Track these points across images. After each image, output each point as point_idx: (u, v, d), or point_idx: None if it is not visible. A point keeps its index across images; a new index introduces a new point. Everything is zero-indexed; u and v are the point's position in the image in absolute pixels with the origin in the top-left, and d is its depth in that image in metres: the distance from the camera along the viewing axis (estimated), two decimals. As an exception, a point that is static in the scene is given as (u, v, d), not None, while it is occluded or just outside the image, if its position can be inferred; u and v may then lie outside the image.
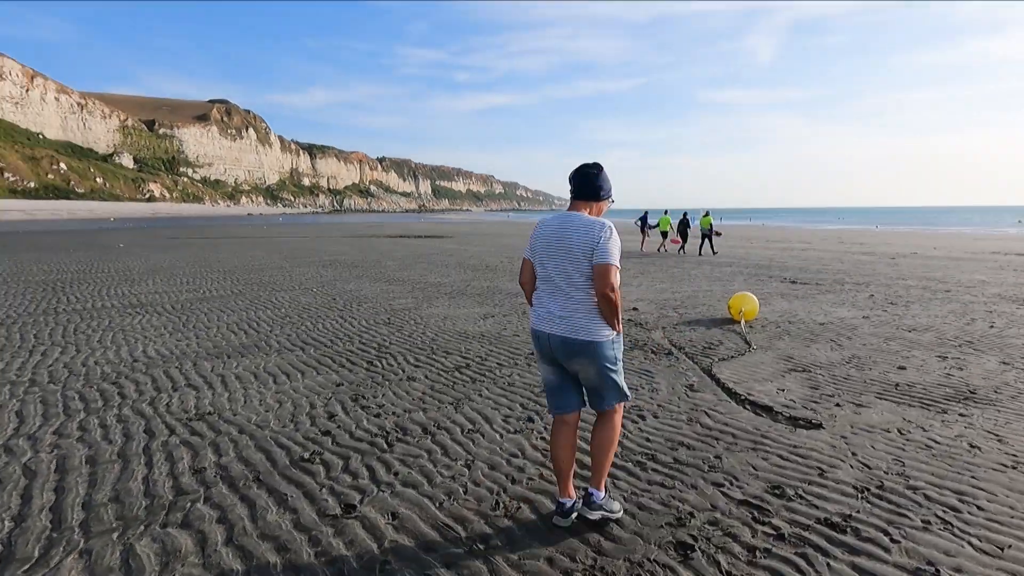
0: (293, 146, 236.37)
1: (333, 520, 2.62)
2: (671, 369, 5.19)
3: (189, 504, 2.75)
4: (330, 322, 7.27)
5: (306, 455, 3.32)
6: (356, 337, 6.43)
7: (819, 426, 3.80)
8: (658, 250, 20.71)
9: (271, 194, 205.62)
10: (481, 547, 2.42)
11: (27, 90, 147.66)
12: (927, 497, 2.87)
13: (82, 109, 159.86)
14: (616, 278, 2.38)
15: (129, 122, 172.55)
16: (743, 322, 7.08)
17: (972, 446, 3.50)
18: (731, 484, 3.00)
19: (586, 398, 2.63)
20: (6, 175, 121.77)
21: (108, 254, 17.44)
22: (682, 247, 20.15)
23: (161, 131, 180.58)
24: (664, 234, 20.85)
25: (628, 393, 2.62)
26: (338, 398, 4.33)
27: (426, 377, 4.90)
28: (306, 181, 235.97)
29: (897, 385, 4.73)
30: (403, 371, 5.09)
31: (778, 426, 3.82)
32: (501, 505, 2.77)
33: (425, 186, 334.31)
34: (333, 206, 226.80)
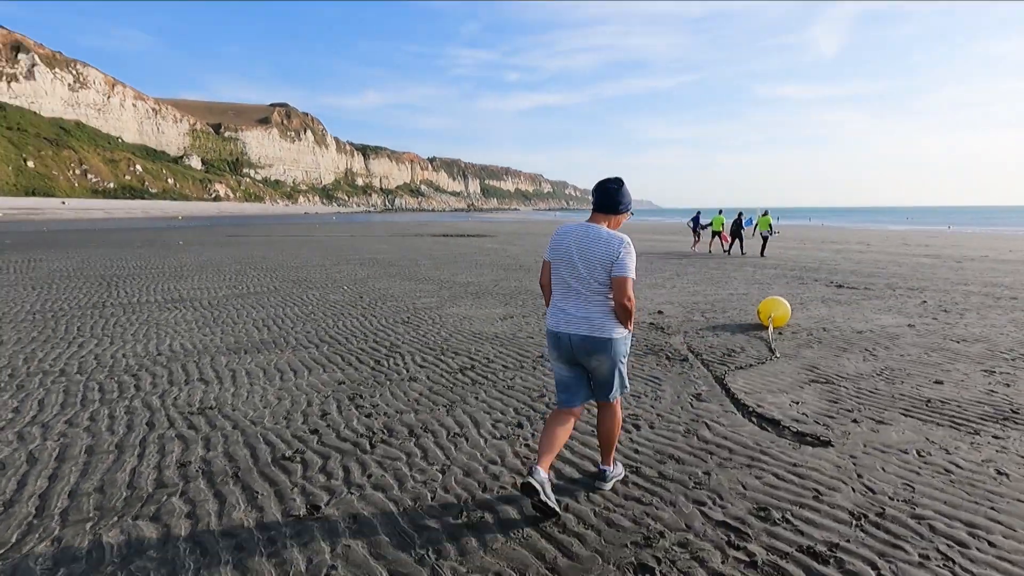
0: (348, 147, 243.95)
1: (296, 521, 2.63)
2: (682, 377, 4.97)
3: (165, 497, 2.83)
4: (351, 320, 7.41)
5: (289, 453, 3.36)
6: (371, 335, 6.51)
7: (827, 443, 3.54)
8: (710, 250, 20.07)
9: (326, 194, 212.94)
10: (432, 557, 2.37)
11: (108, 97, 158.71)
12: (932, 528, 2.60)
13: (156, 114, 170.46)
14: (631, 289, 2.64)
15: (198, 126, 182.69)
16: (771, 328, 6.72)
17: (999, 473, 3.17)
18: (713, 503, 2.82)
19: (593, 390, 2.88)
20: (89, 176, 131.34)
21: (166, 251, 18.48)
22: (731, 246, 19.41)
23: (226, 134, 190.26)
24: (716, 233, 20.18)
25: (628, 384, 2.95)
26: (336, 396, 4.38)
27: (428, 378, 4.90)
28: (360, 181, 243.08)
29: (929, 401, 4.35)
30: (407, 371, 5.11)
31: (782, 442, 3.58)
32: (464, 514, 2.70)
33: (474, 185, 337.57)
34: (385, 205, 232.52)
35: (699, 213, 22.05)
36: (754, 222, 22.32)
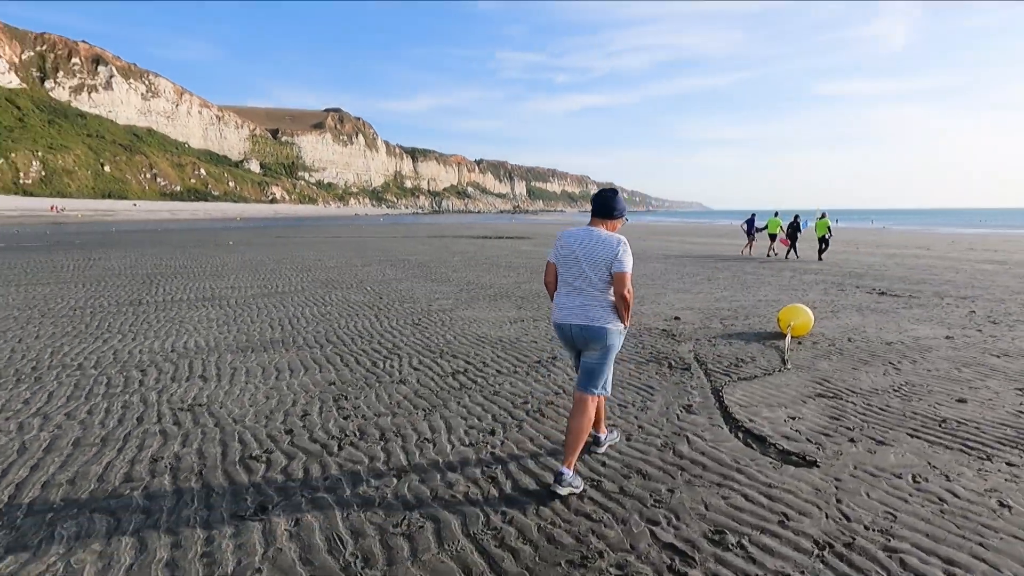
0: (397, 150, 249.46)
1: (239, 521, 2.67)
2: (678, 387, 4.78)
3: (127, 492, 2.93)
4: (362, 321, 7.52)
5: (257, 452, 3.43)
6: (377, 337, 6.59)
7: (813, 464, 3.30)
8: (767, 254, 19.30)
9: (376, 196, 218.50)
10: (359, 564, 2.35)
11: (177, 105, 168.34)
12: (903, 564, 2.38)
13: (219, 121, 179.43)
14: (629, 284, 2.93)
15: (257, 131, 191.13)
16: (788, 337, 6.38)
17: (1001, 504, 2.87)
18: (668, 523, 2.68)
19: (579, 377, 3.09)
20: (158, 180, 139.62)
21: (215, 251, 19.38)
22: (791, 250, 18.62)
23: (283, 139, 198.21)
24: (772, 237, 19.40)
25: (609, 389, 3.15)
26: (322, 397, 4.44)
27: (418, 381, 4.90)
28: (408, 183, 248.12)
29: (944, 421, 4.00)
30: (400, 373, 5.13)
31: (763, 460, 3.37)
32: (406, 522, 2.67)
33: (520, 187, 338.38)
34: (432, 207, 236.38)
35: (753, 215, 21.16)
36: (810, 224, 21.30)
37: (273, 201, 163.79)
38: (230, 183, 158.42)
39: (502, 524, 2.66)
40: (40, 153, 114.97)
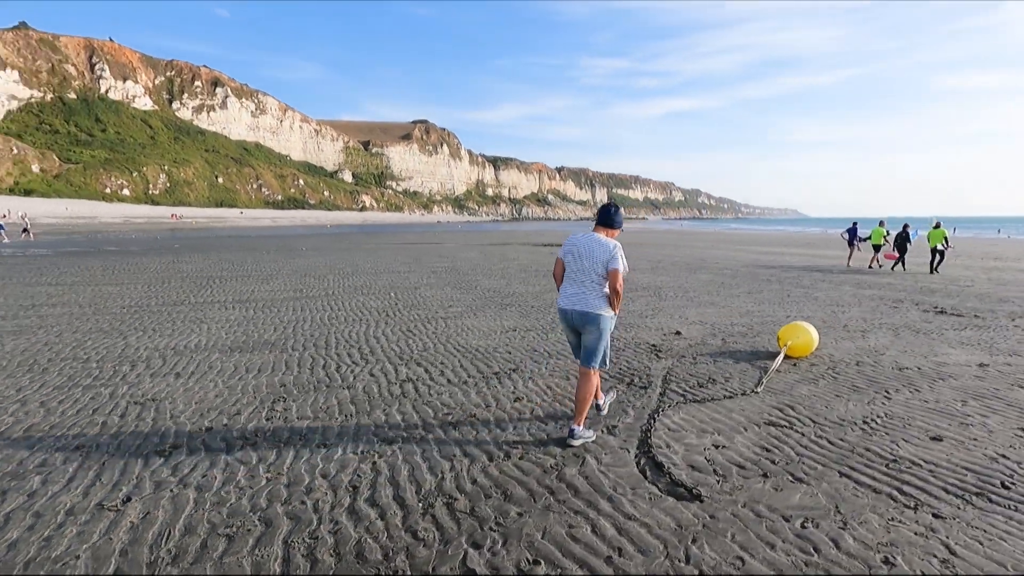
0: (480, 159, 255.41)
1: (98, 510, 2.88)
2: (621, 406, 4.55)
3: (31, 475, 3.26)
4: (361, 327, 7.80)
5: (166, 448, 3.68)
6: (362, 342, 6.81)
7: (697, 498, 3.04)
8: (869, 266, 17.85)
9: (458, 203, 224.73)
10: (176, 556, 2.47)
11: (281, 121, 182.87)
12: (709, 616, 2.14)
13: (317, 134, 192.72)
14: (621, 279, 3.66)
15: (350, 144, 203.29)
16: (780, 357, 5.86)
17: (886, 562, 2.49)
18: (488, 548, 2.57)
19: (581, 356, 3.80)
20: (263, 190, 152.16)
21: (282, 256, 20.84)
22: (898, 262, 17.10)
23: (374, 150, 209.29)
24: (876, 248, 17.80)
25: (609, 363, 3.91)
26: (264, 398, 4.68)
27: (363, 388, 5.01)
28: (489, 191, 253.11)
29: (895, 461, 3.52)
30: (352, 379, 5.28)
31: (647, 490, 3.14)
32: (241, 526, 2.76)
33: (601, 194, 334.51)
34: (512, 214, 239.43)
35: (856, 224, 19.45)
36: (921, 234, 19.34)
37: (363, 209, 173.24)
38: (325, 192, 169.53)
39: (325, 534, 2.69)
40: (166, 167, 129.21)
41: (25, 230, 33.25)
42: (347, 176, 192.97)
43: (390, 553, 2.54)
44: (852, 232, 18.97)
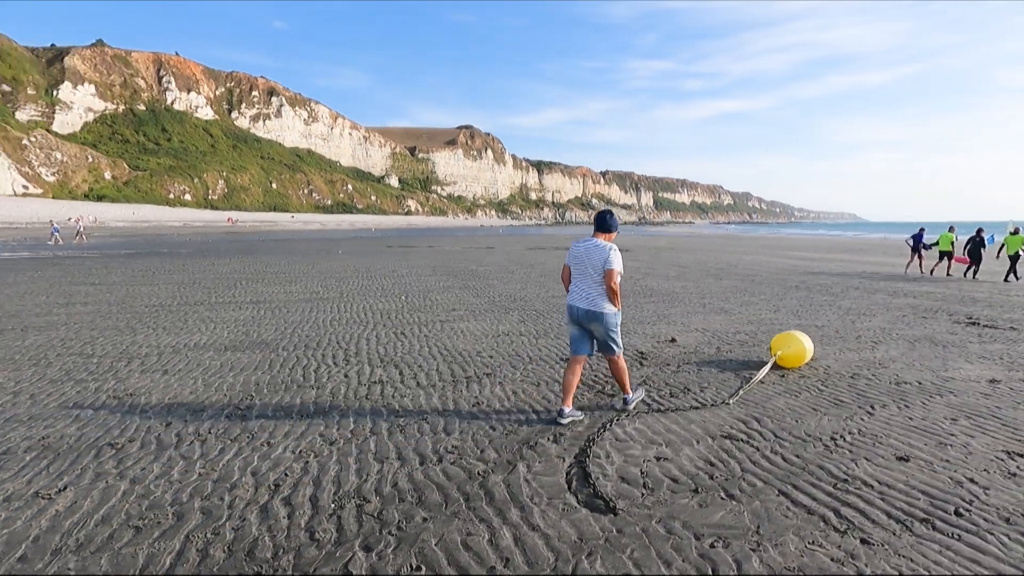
0: (523, 163, 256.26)
1: (33, 497, 3.05)
2: (581, 411, 4.46)
3: (1, 457, 3.49)
4: (358, 329, 7.95)
5: (122, 441, 3.85)
6: (352, 344, 6.95)
7: (612, 511, 2.94)
8: (931, 272, 16.97)
9: (502, 207, 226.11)
10: (80, 544, 2.59)
11: (331, 128, 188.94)
12: (568, 634, 2.06)
13: (366, 141, 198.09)
14: (616, 278, 4.11)
15: (397, 149, 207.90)
16: (767, 368, 5.61)
17: (784, 588, 2.34)
18: (376, 552, 2.58)
19: (598, 348, 4.39)
20: (314, 195, 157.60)
21: (317, 258, 21.50)
22: (971, 269, 16.20)
23: (420, 156, 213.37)
24: (945, 255, 16.76)
25: (621, 345, 4.39)
26: (234, 396, 4.84)
27: (330, 390, 5.10)
28: (533, 195, 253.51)
29: (842, 483, 3.31)
30: (325, 380, 5.38)
31: (564, 500, 3.07)
32: (153, 519, 2.87)
33: (647, 198, 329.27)
34: (556, 218, 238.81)
35: (922, 230, 18.41)
36: (997, 240, 18.14)
37: (408, 213, 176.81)
38: (372, 197, 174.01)
39: (228, 530, 2.75)
40: (225, 173, 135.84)
41: (78, 233, 35.70)
42: (393, 181, 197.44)
43: (280, 552, 2.58)
44: (917, 238, 17.87)
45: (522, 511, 2.95)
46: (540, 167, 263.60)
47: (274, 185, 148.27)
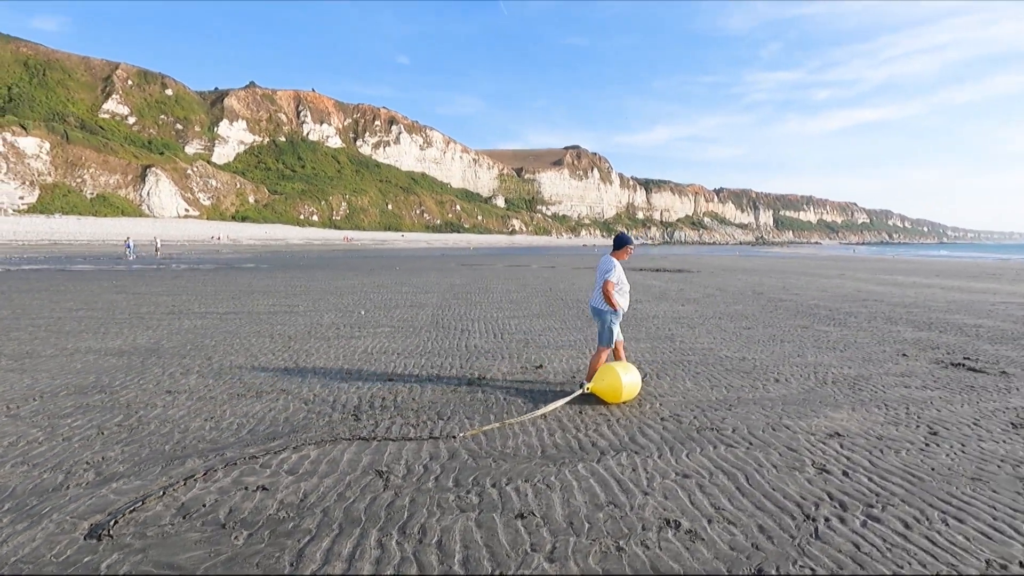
0: (631, 182, 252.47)
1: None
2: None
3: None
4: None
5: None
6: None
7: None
8: None
9: (606, 227, 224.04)
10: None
11: (444, 152, 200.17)
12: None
13: (475, 163, 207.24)
14: (609, 285, 5.66)
15: (504, 171, 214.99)
16: (563, 400, 5.46)
17: None
18: None
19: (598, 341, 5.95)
20: (424, 215, 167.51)
21: (370, 274, 23.24)
22: None
23: (526, 176, 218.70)
24: None
25: (611, 341, 5.83)
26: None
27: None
28: (640, 214, 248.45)
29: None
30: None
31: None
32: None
33: (766, 217, 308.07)
34: (663, 238, 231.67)
35: None
36: None
37: (512, 232, 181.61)
38: (478, 216, 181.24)
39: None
40: (347, 196, 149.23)
41: (156, 249, 43.64)
42: (500, 201, 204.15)
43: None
44: None
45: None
46: (648, 185, 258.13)
47: (389, 206, 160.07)
